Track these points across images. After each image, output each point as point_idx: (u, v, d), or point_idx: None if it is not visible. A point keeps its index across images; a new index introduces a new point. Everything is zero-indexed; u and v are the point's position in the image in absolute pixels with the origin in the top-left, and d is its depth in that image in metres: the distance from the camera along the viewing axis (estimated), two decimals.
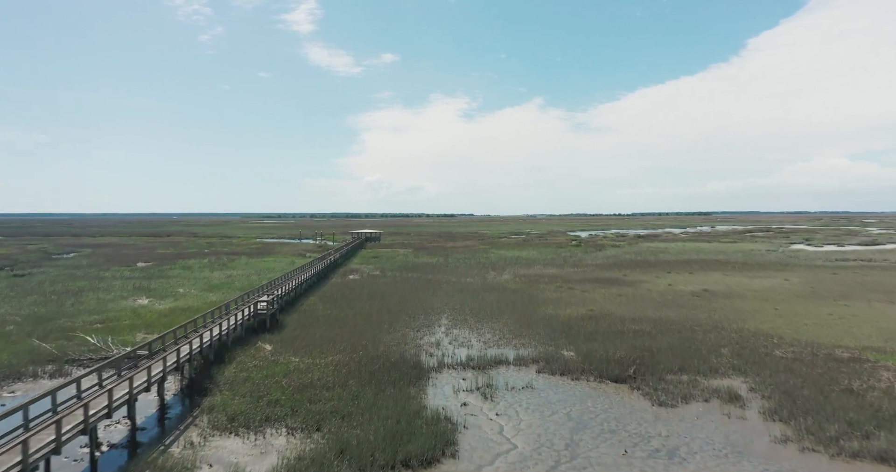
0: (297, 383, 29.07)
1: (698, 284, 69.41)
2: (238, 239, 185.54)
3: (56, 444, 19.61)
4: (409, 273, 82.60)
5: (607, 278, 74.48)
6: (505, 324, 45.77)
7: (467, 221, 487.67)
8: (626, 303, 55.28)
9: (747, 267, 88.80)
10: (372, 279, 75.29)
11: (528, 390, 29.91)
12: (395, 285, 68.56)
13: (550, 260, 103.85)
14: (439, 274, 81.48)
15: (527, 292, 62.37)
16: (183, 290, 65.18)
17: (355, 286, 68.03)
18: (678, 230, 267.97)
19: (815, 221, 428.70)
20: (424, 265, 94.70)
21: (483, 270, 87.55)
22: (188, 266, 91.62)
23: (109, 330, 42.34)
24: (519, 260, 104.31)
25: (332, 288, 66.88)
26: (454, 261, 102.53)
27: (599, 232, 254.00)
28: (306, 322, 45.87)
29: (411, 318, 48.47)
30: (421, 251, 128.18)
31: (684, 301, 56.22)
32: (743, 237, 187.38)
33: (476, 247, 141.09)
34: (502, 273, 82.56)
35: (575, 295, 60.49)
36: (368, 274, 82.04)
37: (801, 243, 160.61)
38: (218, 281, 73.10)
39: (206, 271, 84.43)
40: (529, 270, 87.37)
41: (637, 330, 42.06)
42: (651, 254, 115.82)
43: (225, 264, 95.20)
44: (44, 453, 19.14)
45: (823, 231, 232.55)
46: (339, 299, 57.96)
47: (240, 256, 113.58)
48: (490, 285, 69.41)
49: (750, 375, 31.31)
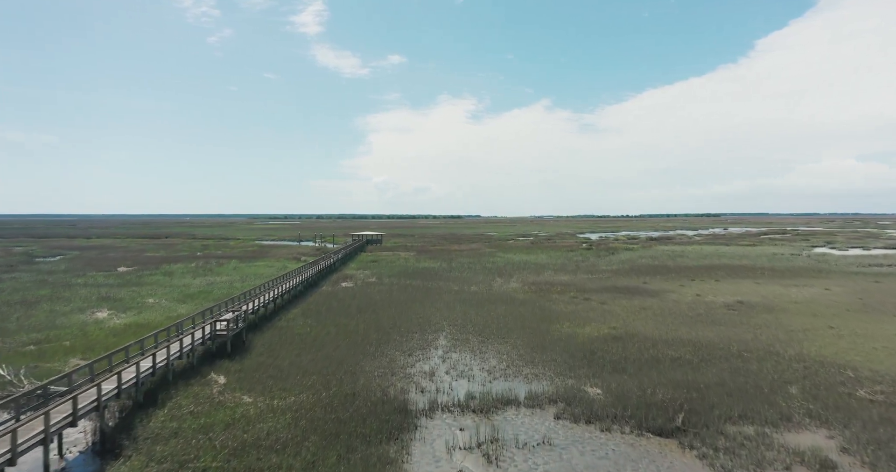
0: (237, 442, 21.94)
1: (729, 294, 61.94)
2: (235, 241, 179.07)
3: None
4: (408, 280, 75.50)
5: (626, 287, 67.07)
6: (513, 346, 38.58)
7: (474, 223, 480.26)
8: (652, 318, 47.91)
9: (778, 274, 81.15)
10: (366, 287, 68.21)
11: (544, 447, 22.68)
12: (390, 295, 61.46)
13: (561, 265, 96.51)
14: (441, 281, 74.36)
15: (538, 304, 55.12)
16: (153, 300, 58.34)
17: (346, 296, 60.96)
18: (691, 232, 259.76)
19: (827, 222, 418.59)
20: (426, 271, 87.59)
21: (489, 276, 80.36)
22: (170, 272, 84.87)
23: (40, 354, 35.47)
24: (527, 265, 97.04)
25: (319, 298, 59.83)
26: (458, 266, 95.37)
27: (609, 234, 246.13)
28: (278, 344, 38.82)
29: (404, 337, 41.35)
30: (423, 255, 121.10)
31: (720, 316, 48.80)
32: (760, 240, 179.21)
33: (482, 250, 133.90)
34: (510, 280, 75.34)
35: (593, 308, 53.16)
36: (363, 281, 74.98)
37: (824, 246, 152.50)
38: (196, 289, 66.24)
39: (188, 278, 77.60)
40: (539, 276, 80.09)
41: (675, 357, 34.71)
42: (669, 258, 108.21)
43: (211, 270, 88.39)
44: None
45: (841, 233, 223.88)
46: (323, 313, 50.89)
47: (230, 260, 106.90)
48: (496, 294, 62.21)
49: (835, 426, 23.97)
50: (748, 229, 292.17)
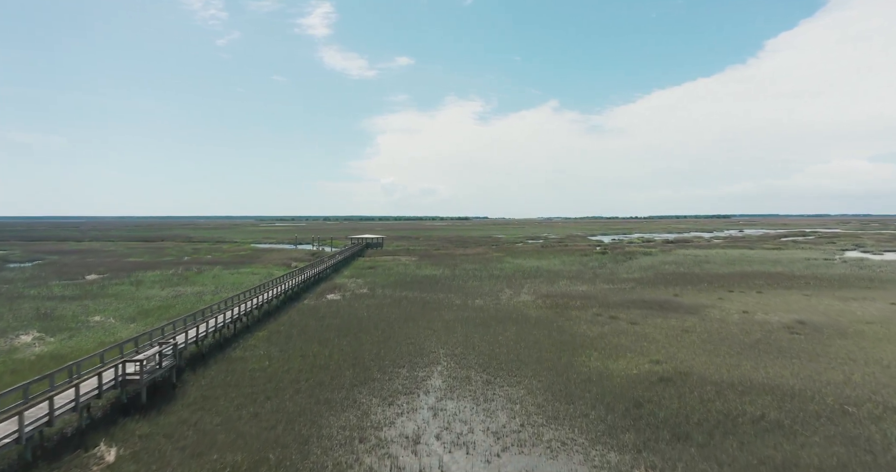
0: None
1: (781, 310, 52.32)
2: (230, 245, 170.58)
3: None
4: (405, 291, 66.25)
5: (656, 301, 57.51)
6: (529, 390, 29.26)
7: (481, 225, 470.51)
8: (701, 346, 38.40)
9: (825, 283, 71.31)
10: (354, 302, 59.00)
11: None
12: (380, 312, 52.23)
13: (577, 272, 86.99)
14: (442, 292, 65.09)
15: (555, 325, 45.71)
16: (99, 318, 49.39)
17: (327, 313, 51.73)
18: (707, 235, 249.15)
19: (843, 224, 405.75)
20: (426, 280, 78.33)
21: (497, 286, 71.01)
22: (140, 281, 76.02)
23: None
24: (539, 272, 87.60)
25: (295, 316, 50.66)
26: (462, 273, 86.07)
27: (621, 236, 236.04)
28: (220, 387, 29.64)
29: (387, 374, 32.14)
30: (425, 260, 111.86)
31: (784, 343, 39.21)
32: (784, 243, 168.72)
33: (489, 255, 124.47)
34: (520, 291, 65.95)
35: (623, 330, 43.70)
36: (354, 293, 65.78)
37: (854, 249, 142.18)
38: (157, 303, 57.29)
39: (156, 288, 68.68)
40: (553, 286, 70.64)
41: (755, 415, 25.15)
42: (694, 264, 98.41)
43: (187, 278, 79.50)
44: None
45: (865, 235, 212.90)
46: (294, 337, 41.69)
47: (215, 266, 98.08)
48: (505, 310, 52.85)
49: None
50: (765, 231, 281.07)
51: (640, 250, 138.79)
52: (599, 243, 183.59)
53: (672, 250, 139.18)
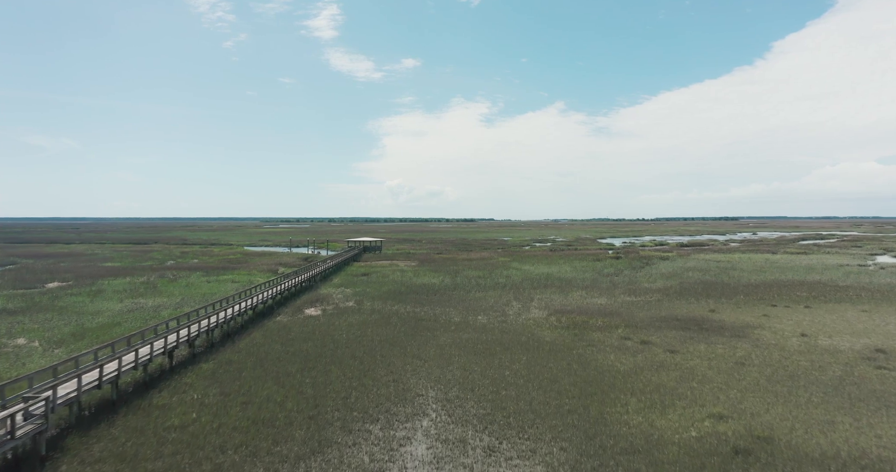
0: None
1: (845, 332, 43.37)
2: (222, 248, 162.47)
3: None
4: (397, 305, 57.60)
5: (692, 319, 48.63)
6: (549, 466, 20.53)
7: (487, 226, 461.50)
8: (768, 388, 29.48)
9: (878, 295, 62.13)
10: (336, 318, 50.38)
11: None
12: (363, 333, 43.57)
13: (592, 281, 78.10)
14: (440, 306, 56.43)
15: (575, 353, 36.93)
16: (23, 340, 40.94)
17: (299, 335, 43.06)
18: (721, 238, 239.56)
19: (857, 226, 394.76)
20: (423, 289, 69.67)
21: (502, 297, 62.28)
22: (101, 290, 67.64)
23: None
24: (550, 280, 78.79)
25: (259, 338, 42.01)
26: (464, 282, 77.33)
27: (632, 239, 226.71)
28: (105, 463, 20.95)
29: (352, 436, 23.43)
30: (426, 266, 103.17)
31: (875, 383, 30.22)
32: (807, 247, 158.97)
33: (494, 260, 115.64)
34: (529, 305, 57.21)
35: (660, 362, 34.86)
36: (337, 306, 57.17)
37: (884, 254, 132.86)
38: (104, 320, 48.78)
39: (114, 301, 60.25)
40: (567, 298, 61.84)
41: None
42: (720, 271, 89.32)
43: (155, 287, 71.10)
44: None
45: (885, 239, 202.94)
46: (247, 371, 33.07)
47: (195, 272, 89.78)
48: (512, 330, 44.10)
49: None
50: (781, 234, 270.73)
51: (655, 254, 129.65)
52: (611, 246, 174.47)
53: (690, 254, 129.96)
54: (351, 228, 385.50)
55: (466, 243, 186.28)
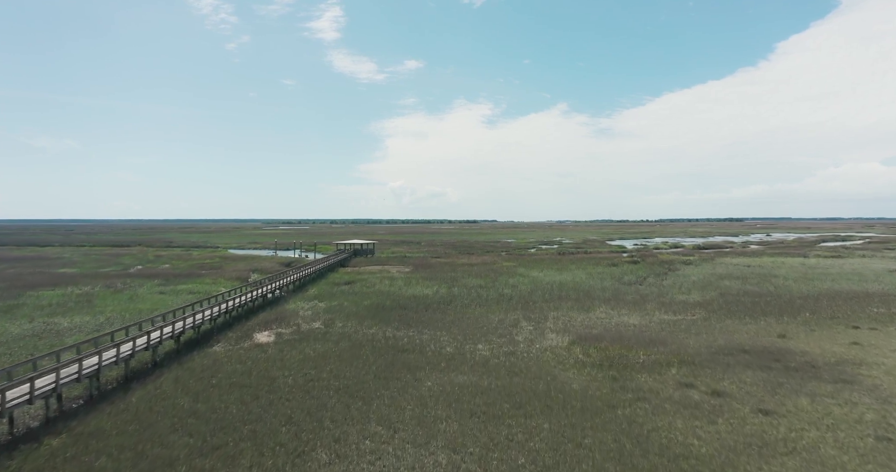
0: None
1: None
2: (202, 251, 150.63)
3: None
4: (375, 327, 45.56)
5: (762, 350, 36.44)
6: None
7: (490, 228, 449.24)
8: None
9: None
10: (288, 350, 38.22)
11: None
12: (317, 376, 31.45)
13: (614, 292, 65.91)
14: (429, 328, 44.41)
15: (622, 417, 24.77)
16: None
17: (228, 377, 30.89)
18: (736, 239, 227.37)
19: (868, 228, 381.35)
20: (412, 303, 57.64)
21: (509, 315, 50.22)
22: (21, 305, 55.50)
23: None
24: (564, 290, 66.67)
25: (170, 384, 29.79)
26: (463, 293, 65.24)
27: (642, 241, 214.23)
28: None
29: None
30: (420, 272, 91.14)
31: None
32: (836, 250, 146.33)
33: (498, 265, 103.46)
34: (544, 327, 45.12)
35: (753, 431, 22.70)
36: (298, 329, 45.09)
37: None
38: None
39: (21, 320, 48.07)
40: (590, 316, 49.78)
41: None
42: (760, 279, 77.06)
43: (90, 300, 59.09)
44: None
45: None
46: (113, 452, 21.01)
47: (155, 279, 77.95)
48: (524, 373, 31.98)
49: None
50: (798, 235, 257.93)
51: (674, 258, 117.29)
52: (622, 248, 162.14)
53: (713, 258, 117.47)
54: (350, 230, 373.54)
55: (468, 245, 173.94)
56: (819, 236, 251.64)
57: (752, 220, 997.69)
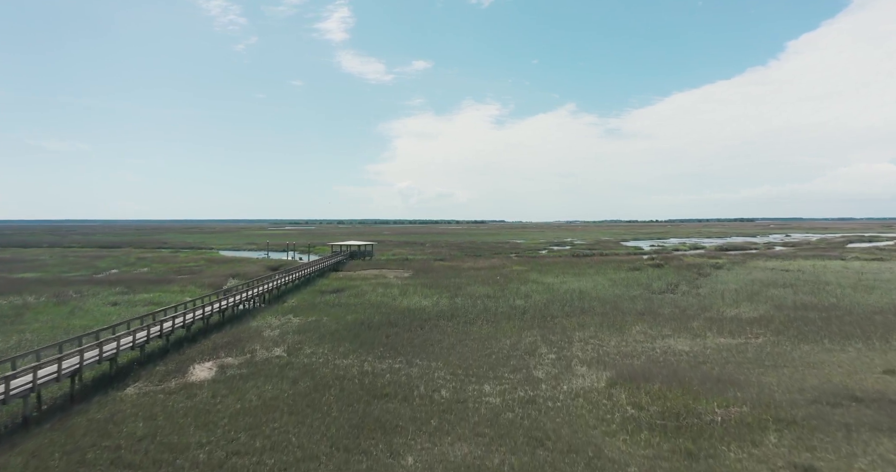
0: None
1: None
2: (189, 253, 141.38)
3: None
4: (352, 355, 35.62)
5: (877, 396, 26.21)
6: None
7: (497, 229, 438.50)
8: None
9: None
10: (224, 394, 28.26)
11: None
12: (248, 444, 21.47)
13: (646, 303, 55.64)
14: (421, 357, 34.44)
15: None
16: None
17: (114, 450, 20.96)
18: (756, 239, 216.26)
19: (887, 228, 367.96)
20: (406, 319, 47.71)
21: (523, 335, 40.17)
22: None
23: None
24: (586, 300, 56.53)
25: (24, 457, 20.05)
26: (467, 304, 55.28)
27: (658, 241, 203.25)
28: None
29: None
30: (421, 277, 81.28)
31: None
32: (873, 252, 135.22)
33: (508, 269, 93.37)
34: (569, 356, 34.99)
35: None
36: (252, 359, 35.17)
37: None
38: None
39: None
40: (625, 338, 39.65)
41: None
42: (811, 287, 66.53)
43: (22, 315, 49.44)
44: None
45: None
46: None
47: (118, 286, 68.48)
48: (552, 437, 21.88)
49: None
50: (822, 236, 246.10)
51: (700, 260, 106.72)
52: (639, 250, 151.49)
53: (743, 261, 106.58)
54: (355, 231, 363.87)
55: (475, 246, 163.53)
56: (843, 236, 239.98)
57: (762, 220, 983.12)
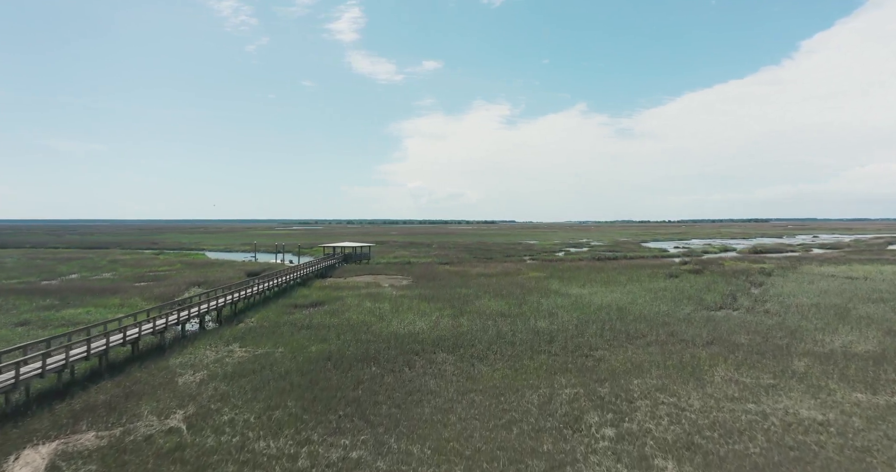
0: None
1: None
2: (171, 255, 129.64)
3: None
4: (286, 433, 22.71)
5: None
6: None
7: (508, 229, 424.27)
8: None
9: None
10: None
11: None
12: None
13: (709, 325, 42.23)
14: (399, 434, 21.50)
15: None
16: None
17: None
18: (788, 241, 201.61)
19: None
20: (389, 352, 34.83)
21: (554, 388, 27.18)
22: None
23: None
24: (628, 322, 43.34)
25: None
26: (475, 328, 42.26)
27: (680, 243, 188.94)
28: None
29: None
30: (421, 285, 68.45)
31: None
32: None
33: (523, 275, 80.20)
34: (634, 434, 21.91)
35: None
36: (121, 443, 22.48)
37: None
38: None
39: None
40: (711, 393, 26.52)
41: None
42: None
43: None
44: None
45: None
46: None
47: (51, 297, 56.33)
48: None
49: None
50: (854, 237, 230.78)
51: (743, 265, 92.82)
52: (666, 252, 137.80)
53: (795, 266, 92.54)
54: (363, 231, 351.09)
55: (485, 248, 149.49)
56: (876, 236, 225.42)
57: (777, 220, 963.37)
